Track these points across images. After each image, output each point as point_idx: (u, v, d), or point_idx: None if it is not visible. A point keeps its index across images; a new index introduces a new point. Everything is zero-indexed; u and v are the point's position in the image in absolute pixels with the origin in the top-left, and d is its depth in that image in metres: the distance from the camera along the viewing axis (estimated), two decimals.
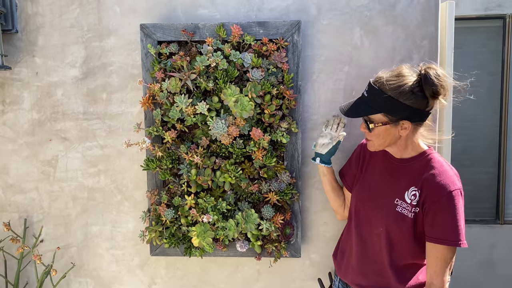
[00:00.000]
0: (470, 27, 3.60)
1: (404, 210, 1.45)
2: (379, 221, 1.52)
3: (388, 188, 1.52)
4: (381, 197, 1.53)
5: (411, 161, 1.49)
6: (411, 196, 1.45)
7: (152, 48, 1.77)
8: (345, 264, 1.68)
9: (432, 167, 1.43)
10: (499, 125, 3.62)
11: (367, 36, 1.85)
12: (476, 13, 3.55)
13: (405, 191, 1.46)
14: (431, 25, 1.83)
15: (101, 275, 2.06)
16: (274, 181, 1.80)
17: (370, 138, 1.50)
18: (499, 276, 3.72)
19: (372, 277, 1.57)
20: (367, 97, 1.44)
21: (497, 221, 3.67)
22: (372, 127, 1.45)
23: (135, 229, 2.01)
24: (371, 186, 1.59)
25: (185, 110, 1.71)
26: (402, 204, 1.46)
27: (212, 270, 2.01)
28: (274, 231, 1.78)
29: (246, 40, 1.75)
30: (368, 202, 1.57)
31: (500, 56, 3.57)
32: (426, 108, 1.40)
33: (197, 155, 1.73)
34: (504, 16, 3.51)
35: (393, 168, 1.54)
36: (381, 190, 1.54)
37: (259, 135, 1.70)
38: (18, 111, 2.00)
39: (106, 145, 1.98)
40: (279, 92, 1.75)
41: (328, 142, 1.70)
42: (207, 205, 1.75)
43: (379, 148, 1.51)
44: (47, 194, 2.03)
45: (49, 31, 1.96)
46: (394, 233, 1.48)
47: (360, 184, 1.64)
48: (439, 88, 1.36)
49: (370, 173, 1.62)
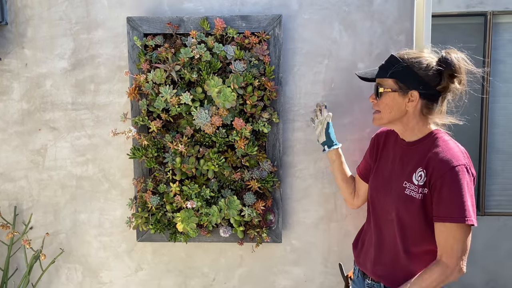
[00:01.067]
0: (452, 24, 3.70)
1: (412, 192, 1.43)
2: (390, 207, 1.50)
3: (398, 172, 1.51)
4: (392, 182, 1.53)
5: (418, 143, 1.48)
6: (418, 177, 1.42)
7: (138, 41, 1.83)
8: (363, 254, 1.66)
9: (437, 145, 1.42)
10: (480, 120, 3.72)
11: (346, 30, 1.93)
12: (458, 10, 3.64)
13: (412, 173, 1.45)
14: (407, 20, 1.91)
15: (89, 261, 2.12)
16: (256, 169, 1.88)
17: (377, 108, 1.50)
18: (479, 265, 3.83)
19: (389, 266, 1.54)
20: (384, 64, 1.48)
21: (477, 212, 3.78)
22: (382, 91, 1.46)
23: (122, 216, 2.08)
24: (384, 174, 1.59)
25: (170, 100, 1.77)
26: (410, 186, 1.44)
27: (196, 255, 2.08)
28: (255, 217, 1.85)
29: (229, 33, 1.82)
30: (381, 189, 1.57)
31: (481, 52, 3.66)
32: (437, 87, 1.41)
33: (181, 144, 1.80)
34: (486, 13, 3.60)
35: (402, 152, 1.53)
36: (392, 176, 1.54)
37: (241, 125, 1.78)
38: (8, 101, 2.06)
39: (94, 135, 2.04)
40: (260, 83, 1.82)
41: (321, 128, 1.79)
42: (191, 192, 1.82)
43: (383, 122, 1.51)
44: (36, 183, 2.09)
45: (38, 23, 2.01)
46: (404, 217, 1.46)
47: (375, 173, 1.64)
48: (457, 69, 1.39)
49: (384, 161, 1.62)
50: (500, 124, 3.75)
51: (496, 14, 3.60)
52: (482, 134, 3.71)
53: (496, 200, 3.80)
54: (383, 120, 1.51)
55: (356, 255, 1.72)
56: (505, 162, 3.79)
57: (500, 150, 3.77)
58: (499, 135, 3.76)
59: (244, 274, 2.08)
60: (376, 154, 1.67)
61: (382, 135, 1.69)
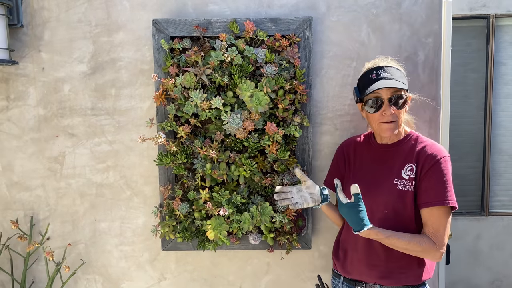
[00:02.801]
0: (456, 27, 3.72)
1: (405, 186, 1.54)
2: (381, 206, 1.57)
3: (384, 173, 1.60)
4: (378, 183, 1.59)
5: (400, 144, 1.60)
6: (408, 171, 1.55)
7: (165, 43, 1.78)
8: (349, 261, 1.67)
9: (422, 141, 1.58)
10: (484, 121, 3.76)
11: (374, 33, 1.91)
12: (461, 13, 3.68)
13: (401, 170, 1.56)
14: (435, 23, 1.91)
15: (110, 272, 2.05)
16: (286, 174, 1.84)
17: (395, 119, 1.54)
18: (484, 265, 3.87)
19: (383, 264, 1.59)
20: (391, 75, 1.54)
21: (482, 213, 3.82)
22: (409, 99, 1.57)
23: (144, 224, 2.01)
24: (364, 178, 1.64)
25: (200, 105, 1.72)
26: (401, 182, 1.55)
27: (222, 263, 2.03)
28: (287, 223, 1.82)
29: (259, 36, 1.78)
30: (367, 192, 1.59)
31: (484, 54, 3.71)
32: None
33: (212, 149, 1.75)
34: (488, 16, 3.65)
35: (382, 154, 1.63)
36: (377, 177, 1.61)
37: (273, 129, 1.74)
38: (24, 107, 1.97)
39: (115, 141, 1.97)
40: (291, 87, 1.79)
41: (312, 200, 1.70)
42: (222, 199, 1.77)
43: (399, 128, 1.58)
44: (53, 191, 2.01)
45: (56, 26, 1.93)
46: (400, 211, 1.54)
47: (353, 180, 1.66)
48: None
49: (359, 167, 1.68)
50: (502, 125, 3.80)
51: (499, 17, 3.65)
52: (485, 135, 3.75)
53: (500, 200, 3.85)
54: (399, 128, 1.59)
55: (341, 265, 1.71)
56: (507, 163, 3.84)
57: (502, 151, 3.82)
58: (501, 136, 3.81)
59: (271, 281, 2.04)
60: (349, 162, 1.73)
61: (350, 144, 1.76)
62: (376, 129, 1.60)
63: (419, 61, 1.91)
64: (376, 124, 1.57)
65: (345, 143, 1.79)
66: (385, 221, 1.56)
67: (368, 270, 1.62)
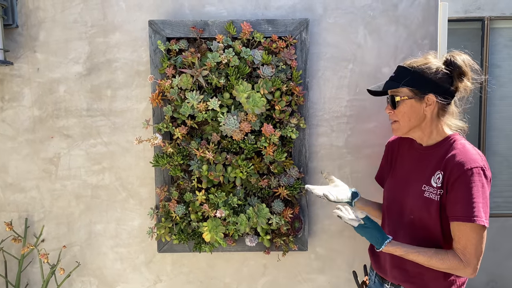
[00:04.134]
0: (451, 29, 3.74)
1: (431, 195, 1.45)
2: (409, 209, 1.52)
3: (416, 176, 1.53)
4: (409, 185, 1.54)
5: (436, 147, 1.51)
6: (436, 179, 1.45)
7: (162, 45, 1.77)
8: (381, 258, 1.65)
9: (454, 148, 1.45)
10: (478, 123, 3.78)
11: (371, 34, 1.91)
12: (456, 15, 3.69)
13: (431, 176, 1.47)
14: (431, 24, 1.91)
15: (105, 274, 2.04)
16: (283, 176, 1.83)
17: (395, 118, 1.52)
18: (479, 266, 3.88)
19: (409, 268, 1.53)
20: (394, 76, 1.50)
21: None
22: (398, 99, 1.48)
23: (140, 226, 2.00)
24: (400, 177, 1.60)
25: (197, 106, 1.72)
26: (429, 189, 1.47)
27: (218, 265, 2.02)
28: (284, 225, 1.81)
29: (256, 37, 1.78)
30: (398, 193, 1.57)
31: (479, 56, 3.73)
32: (451, 87, 1.46)
33: (208, 151, 1.74)
34: (483, 18, 3.66)
35: (419, 156, 1.55)
36: (410, 179, 1.55)
37: (270, 131, 1.74)
38: (18, 108, 1.96)
39: (110, 142, 1.96)
40: (288, 88, 1.78)
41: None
42: (218, 201, 1.76)
43: (404, 130, 1.52)
44: (48, 193, 1.99)
45: (51, 26, 1.92)
46: (425, 219, 1.47)
47: (391, 177, 1.65)
48: (465, 68, 1.44)
49: (400, 166, 1.64)
50: (497, 127, 3.82)
51: (493, 20, 3.67)
52: (480, 137, 3.77)
53: (495, 201, 3.86)
54: (404, 129, 1.53)
55: (373, 260, 1.70)
56: (502, 165, 3.86)
57: (497, 152, 3.84)
58: (496, 138, 3.83)
59: (268, 283, 2.03)
60: (391, 160, 1.69)
61: (396, 141, 1.71)
62: None
63: None
64: None
65: (391, 139, 1.74)
66: (411, 227, 1.52)
67: (393, 271, 1.58)
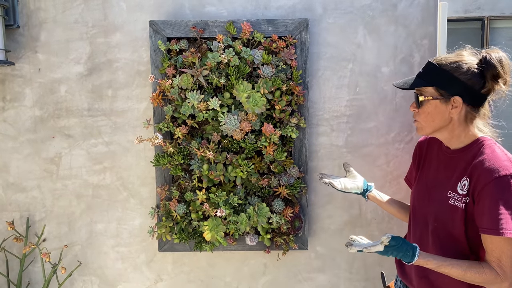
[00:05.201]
0: (450, 28, 3.74)
1: (456, 202, 1.36)
2: (432, 217, 1.44)
3: (442, 181, 1.45)
4: (435, 191, 1.46)
5: (464, 150, 1.40)
6: (462, 186, 1.36)
7: (162, 45, 1.78)
8: (406, 266, 1.57)
9: (483, 153, 1.33)
10: None
11: (370, 34, 1.92)
12: (456, 15, 3.70)
13: (457, 182, 1.38)
14: (431, 24, 1.92)
15: (106, 273, 2.04)
16: (283, 175, 1.84)
17: (418, 118, 1.44)
18: None
19: (433, 278, 1.45)
20: (422, 72, 1.42)
21: None
22: (422, 99, 1.39)
23: (141, 225, 2.01)
24: (427, 182, 1.52)
25: (197, 106, 1.73)
26: (454, 196, 1.37)
27: (219, 264, 2.03)
28: (284, 224, 1.82)
29: (256, 37, 1.79)
30: (424, 198, 1.50)
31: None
32: (482, 90, 1.33)
33: (209, 151, 1.75)
34: (483, 18, 3.68)
35: (447, 160, 1.46)
36: (436, 184, 1.47)
37: (270, 130, 1.74)
38: (20, 108, 1.97)
39: (111, 142, 1.97)
40: (288, 88, 1.79)
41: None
42: (219, 200, 1.77)
43: (427, 131, 1.44)
44: (50, 192, 2.00)
45: (52, 27, 1.93)
46: (449, 227, 1.39)
47: (418, 181, 1.57)
48: (500, 70, 1.31)
49: (427, 169, 1.55)
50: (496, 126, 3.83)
51: (493, 19, 3.68)
52: None
53: None
54: (427, 129, 1.44)
55: (398, 266, 1.64)
56: None
57: None
58: None
59: (268, 282, 2.04)
60: (419, 162, 1.61)
61: (424, 142, 1.63)
62: None
63: (415, 62, 1.93)
64: None
65: (422, 140, 1.64)
66: (435, 234, 1.44)
67: (416, 279, 1.51)
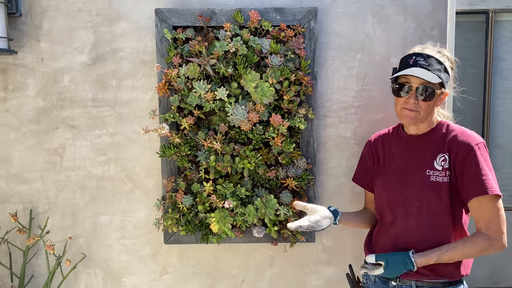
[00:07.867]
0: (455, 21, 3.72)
1: (438, 178, 1.48)
2: (414, 199, 1.52)
3: (415, 164, 1.54)
4: (409, 176, 1.54)
5: (430, 134, 1.54)
6: (441, 162, 1.49)
7: (168, 33, 1.74)
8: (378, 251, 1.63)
9: (452, 130, 1.52)
10: (482, 116, 3.77)
11: (379, 24, 1.89)
12: (461, 7, 3.67)
13: (433, 160, 1.50)
14: (441, 14, 1.90)
15: (111, 266, 2.02)
16: (291, 167, 1.82)
17: (418, 109, 1.48)
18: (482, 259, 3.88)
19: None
20: (426, 65, 1.47)
21: None
22: (439, 93, 1.48)
23: (146, 217, 1.98)
24: (394, 172, 1.59)
25: (204, 96, 1.70)
26: (434, 173, 1.49)
27: (225, 257, 2.01)
28: (292, 216, 1.80)
29: (264, 26, 1.75)
30: (397, 187, 1.57)
31: (483, 49, 3.71)
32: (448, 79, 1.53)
33: (216, 141, 1.72)
34: (487, 11, 3.64)
35: (411, 146, 1.57)
36: (408, 170, 1.56)
37: (278, 121, 1.72)
38: (22, 98, 1.93)
39: (116, 133, 1.94)
40: (296, 78, 1.76)
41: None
42: (226, 191, 1.75)
43: (423, 120, 1.51)
44: (53, 184, 1.97)
45: (55, 15, 1.89)
46: (434, 203, 1.49)
47: (383, 175, 1.64)
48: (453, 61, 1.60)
49: (389, 161, 1.63)
50: (501, 120, 3.81)
51: (498, 12, 3.65)
52: (484, 130, 3.76)
53: None
54: (423, 119, 1.52)
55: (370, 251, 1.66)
56: (506, 158, 3.85)
57: (500, 145, 3.83)
58: (499, 131, 3.82)
59: (275, 275, 2.02)
60: (378, 157, 1.68)
61: (379, 138, 1.71)
62: (398, 113, 1.55)
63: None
64: (399, 108, 1.53)
65: (372, 138, 1.74)
66: (419, 215, 1.52)
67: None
